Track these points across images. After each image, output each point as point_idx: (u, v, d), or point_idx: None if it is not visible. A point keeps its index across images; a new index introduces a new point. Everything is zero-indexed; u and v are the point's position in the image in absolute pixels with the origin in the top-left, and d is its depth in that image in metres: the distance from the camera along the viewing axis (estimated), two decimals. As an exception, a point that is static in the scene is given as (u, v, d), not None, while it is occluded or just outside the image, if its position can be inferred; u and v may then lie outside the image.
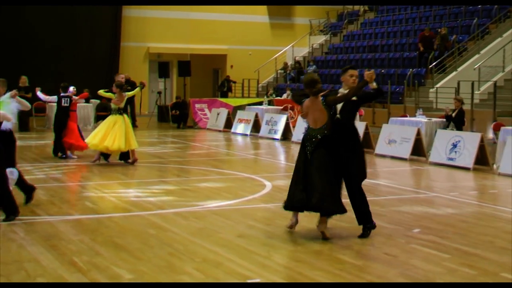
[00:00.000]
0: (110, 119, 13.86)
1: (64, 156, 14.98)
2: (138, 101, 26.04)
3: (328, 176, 7.59)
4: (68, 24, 29.22)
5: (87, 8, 29.39)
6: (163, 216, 8.90)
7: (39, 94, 15.93)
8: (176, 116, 24.75)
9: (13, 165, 9.10)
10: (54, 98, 15.44)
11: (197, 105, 24.90)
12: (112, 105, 13.97)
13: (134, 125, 24.41)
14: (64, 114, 15.22)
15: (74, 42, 29.36)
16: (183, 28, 32.38)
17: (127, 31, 31.30)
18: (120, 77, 15.32)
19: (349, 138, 7.76)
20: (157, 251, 7.08)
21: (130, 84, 25.04)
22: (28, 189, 9.50)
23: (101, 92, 14.50)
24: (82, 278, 6.12)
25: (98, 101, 25.15)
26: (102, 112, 25.02)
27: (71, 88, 15.46)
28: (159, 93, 29.53)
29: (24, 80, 21.84)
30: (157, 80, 31.79)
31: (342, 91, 7.95)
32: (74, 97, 15.43)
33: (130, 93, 14.37)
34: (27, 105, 9.52)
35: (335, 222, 8.54)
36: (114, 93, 13.98)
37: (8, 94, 8.96)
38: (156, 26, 31.81)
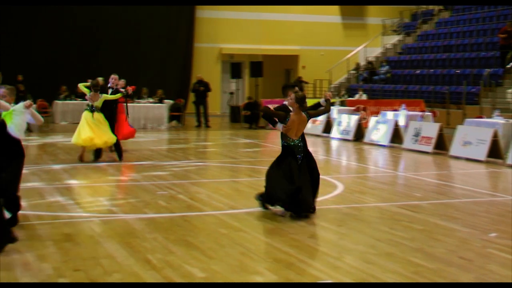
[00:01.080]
0: (84, 114, 14.16)
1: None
2: (211, 101, 26.32)
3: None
4: (144, 25, 29.82)
5: (162, 9, 29.92)
6: (235, 215, 8.98)
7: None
8: (248, 117, 24.91)
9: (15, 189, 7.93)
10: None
11: (268, 106, 24.95)
12: (88, 101, 14.33)
13: (206, 125, 24.75)
14: (115, 106, 15.67)
15: (149, 43, 29.94)
16: (255, 29, 32.55)
17: (200, 32, 31.71)
18: (112, 79, 15.14)
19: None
20: (229, 251, 7.14)
21: (202, 85, 25.41)
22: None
23: (80, 85, 14.74)
24: (155, 275, 6.23)
25: (171, 101, 25.60)
26: (175, 112, 25.47)
27: (121, 81, 15.93)
28: (232, 93, 29.77)
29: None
30: (229, 80, 32.08)
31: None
32: (121, 89, 15.74)
33: (110, 97, 14.33)
34: (40, 119, 8.52)
35: (406, 224, 8.44)
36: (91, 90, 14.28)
37: (22, 104, 8.08)
38: (228, 27, 32.10)
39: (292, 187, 8.62)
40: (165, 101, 24.84)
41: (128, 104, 16.32)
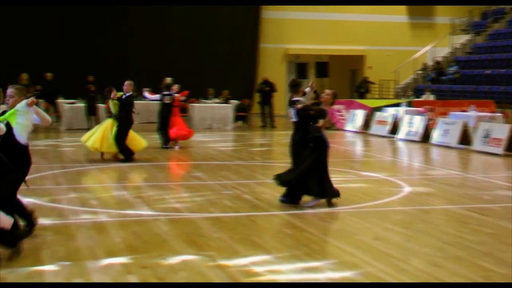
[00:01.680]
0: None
1: (167, 146, 16.62)
2: (276, 101, 26.33)
3: None
4: (210, 26, 30.08)
5: (228, 9, 30.11)
6: (300, 216, 8.97)
7: (145, 93, 17.30)
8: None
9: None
10: (158, 96, 16.75)
11: (334, 106, 24.85)
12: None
13: (272, 125, 24.80)
14: (167, 110, 16.63)
15: (215, 44, 30.18)
16: (321, 29, 32.42)
17: (265, 33, 31.79)
18: (124, 85, 14.94)
19: None
20: (294, 251, 7.14)
21: (268, 85, 25.47)
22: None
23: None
24: (221, 274, 6.29)
25: (237, 102, 25.75)
26: (241, 113, 25.62)
27: (175, 86, 16.94)
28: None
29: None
30: (294, 81, 31.97)
31: (305, 100, 9.83)
32: (175, 94, 16.70)
33: (113, 102, 14.58)
34: (47, 119, 7.75)
35: (475, 227, 8.26)
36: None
37: (23, 102, 7.34)
38: (294, 27, 32.07)
39: (328, 181, 9.49)
40: (231, 102, 25.02)
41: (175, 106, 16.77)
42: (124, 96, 14.53)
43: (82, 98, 22.97)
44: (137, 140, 14.53)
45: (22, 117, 7.30)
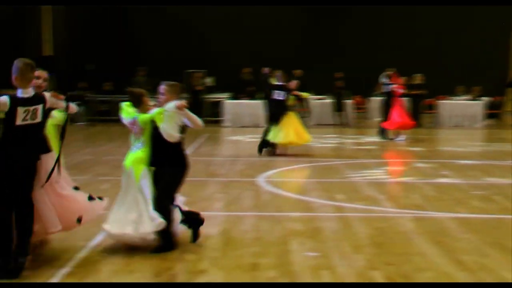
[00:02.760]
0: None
1: (385, 138, 17.81)
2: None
3: None
4: (459, 21, 29.12)
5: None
6: (558, 222, 8.34)
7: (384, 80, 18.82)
8: None
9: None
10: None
11: None
12: None
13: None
14: (389, 100, 17.82)
15: (464, 39, 29.12)
16: None
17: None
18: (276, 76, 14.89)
19: None
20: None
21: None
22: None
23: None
24: (469, 277, 6.07)
25: (488, 99, 24.68)
26: (492, 110, 24.45)
27: (401, 79, 18.24)
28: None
29: (421, 78, 22.33)
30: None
31: None
32: (393, 86, 17.84)
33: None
34: (197, 122, 7.08)
35: None
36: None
37: (173, 104, 6.81)
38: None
39: None
40: (481, 99, 24.04)
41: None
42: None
43: (330, 94, 23.60)
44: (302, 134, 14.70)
45: (169, 119, 6.78)
